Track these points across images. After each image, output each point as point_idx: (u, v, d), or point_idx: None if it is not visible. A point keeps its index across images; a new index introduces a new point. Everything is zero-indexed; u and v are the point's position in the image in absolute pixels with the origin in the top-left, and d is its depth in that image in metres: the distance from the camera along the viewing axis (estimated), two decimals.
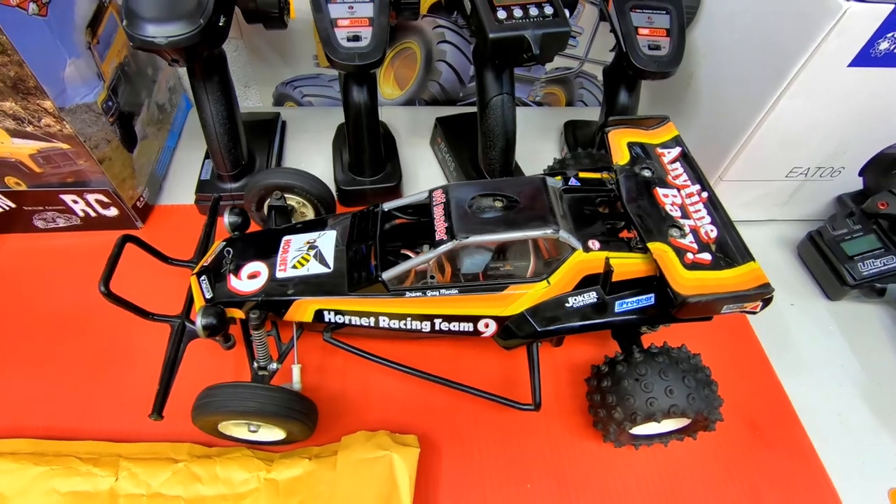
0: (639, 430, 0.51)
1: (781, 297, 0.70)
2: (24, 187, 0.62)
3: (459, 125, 0.81)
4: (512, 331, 0.50)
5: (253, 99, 0.91)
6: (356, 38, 0.59)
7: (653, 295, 0.48)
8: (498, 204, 0.49)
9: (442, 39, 0.84)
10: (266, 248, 0.53)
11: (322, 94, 0.90)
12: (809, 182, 0.72)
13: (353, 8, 0.60)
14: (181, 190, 0.75)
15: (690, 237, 0.46)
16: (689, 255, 0.45)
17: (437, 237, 0.47)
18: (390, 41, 0.84)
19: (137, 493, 0.47)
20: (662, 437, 0.52)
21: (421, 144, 0.86)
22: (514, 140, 0.69)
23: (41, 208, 0.65)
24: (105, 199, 0.65)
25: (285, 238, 0.54)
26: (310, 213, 0.66)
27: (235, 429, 0.49)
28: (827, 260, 0.69)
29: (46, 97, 0.53)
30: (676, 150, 0.53)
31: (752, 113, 0.64)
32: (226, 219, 0.56)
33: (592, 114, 0.86)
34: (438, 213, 0.49)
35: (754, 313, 0.44)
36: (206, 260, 0.54)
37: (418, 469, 0.50)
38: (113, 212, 0.67)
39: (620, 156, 0.53)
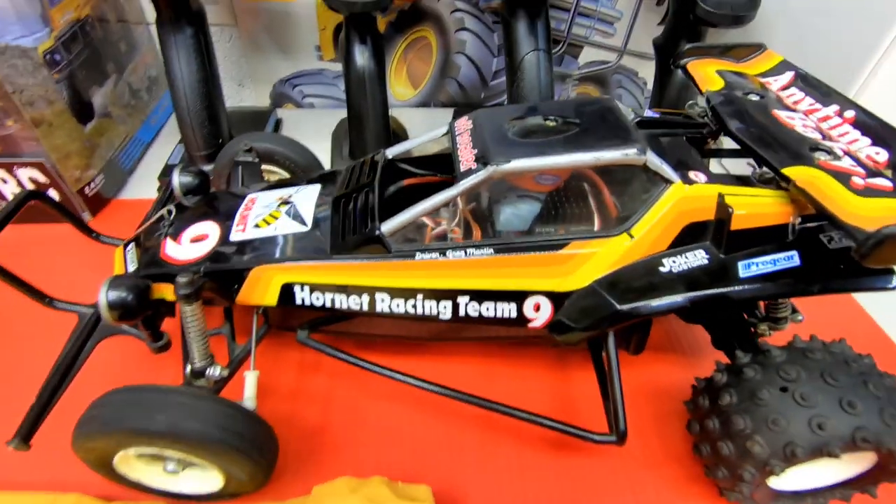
0: (788, 479, 0.32)
1: None
2: None
3: None
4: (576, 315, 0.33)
5: (248, 100, 0.80)
6: None
7: (795, 252, 0.31)
8: (551, 124, 0.34)
9: (461, 27, 0.74)
10: (223, 208, 0.38)
11: (325, 93, 0.80)
12: None
13: None
14: (148, 187, 0.62)
15: (849, 160, 0.30)
16: (857, 180, 0.29)
17: (463, 167, 0.32)
18: (402, 28, 0.74)
19: None
20: (822, 494, 0.33)
21: None
22: None
23: None
24: (42, 179, 0.52)
25: (250, 196, 0.39)
26: None
27: (143, 468, 0.31)
28: None
29: None
30: (788, 75, 0.39)
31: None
32: (174, 179, 0.41)
33: None
34: (464, 141, 0.34)
35: None
36: (141, 227, 0.39)
37: None
38: (53, 196, 0.54)
39: (710, 83, 0.39)
